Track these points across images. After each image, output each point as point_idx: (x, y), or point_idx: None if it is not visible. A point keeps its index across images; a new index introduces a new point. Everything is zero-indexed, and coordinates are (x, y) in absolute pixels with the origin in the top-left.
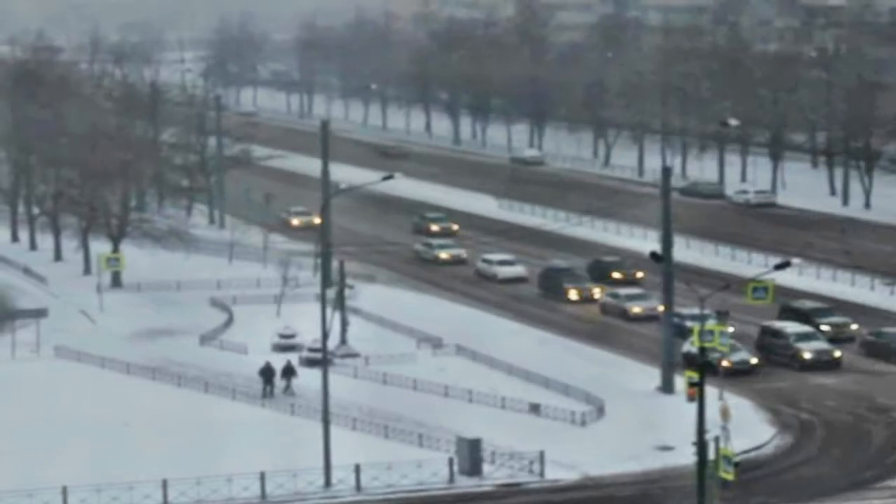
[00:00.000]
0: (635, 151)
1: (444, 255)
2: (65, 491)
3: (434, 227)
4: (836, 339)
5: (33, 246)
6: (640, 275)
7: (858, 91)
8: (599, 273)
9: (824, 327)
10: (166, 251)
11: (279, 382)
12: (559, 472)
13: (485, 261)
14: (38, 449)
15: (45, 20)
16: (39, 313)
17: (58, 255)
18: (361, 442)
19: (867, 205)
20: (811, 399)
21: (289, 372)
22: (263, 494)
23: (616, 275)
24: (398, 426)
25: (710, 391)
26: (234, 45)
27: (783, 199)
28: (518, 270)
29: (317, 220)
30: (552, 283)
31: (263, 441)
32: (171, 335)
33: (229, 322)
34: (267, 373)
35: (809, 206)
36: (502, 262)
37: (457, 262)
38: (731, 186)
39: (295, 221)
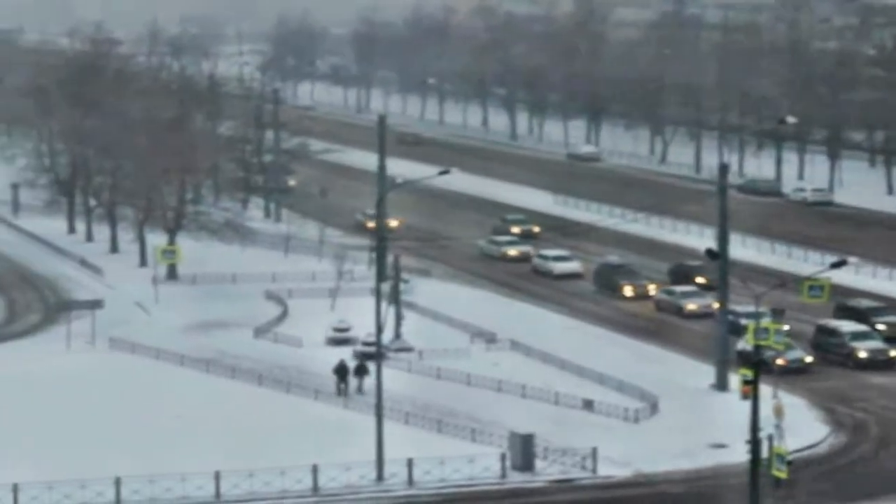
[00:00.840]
0: (692, 148)
1: (512, 252)
2: (118, 482)
3: (515, 230)
4: (892, 338)
5: (90, 237)
6: None
7: None
8: (682, 276)
9: (880, 326)
10: (222, 244)
11: (352, 381)
12: (612, 469)
13: (540, 256)
14: (91, 440)
15: (104, 12)
16: (95, 305)
17: (114, 247)
18: (414, 436)
19: None
20: (866, 398)
21: (361, 370)
22: (316, 487)
23: (699, 279)
24: (451, 421)
25: (765, 389)
26: (292, 38)
27: (840, 197)
28: (574, 266)
29: (394, 223)
30: (607, 279)
31: (316, 434)
32: (225, 328)
33: (284, 315)
34: (341, 371)
35: (866, 204)
36: (558, 258)
37: (524, 259)
38: (789, 184)
39: (371, 224)
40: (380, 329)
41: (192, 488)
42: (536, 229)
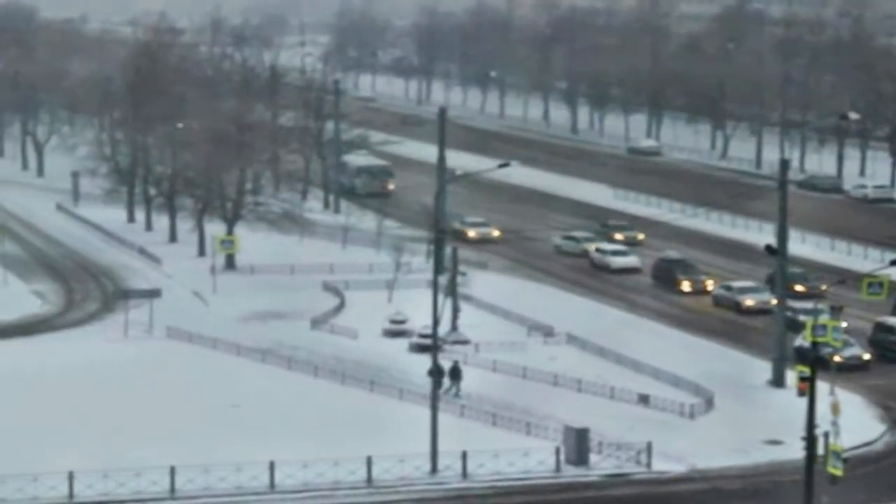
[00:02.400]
0: (753, 144)
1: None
2: (172, 471)
3: (618, 236)
4: None
5: (149, 227)
6: (824, 287)
7: None
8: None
9: None
10: (280, 234)
11: (446, 383)
12: (666, 464)
13: (598, 250)
14: (146, 428)
15: (167, 2)
16: (153, 294)
17: (173, 237)
18: (469, 429)
19: None
20: None
21: (455, 373)
22: (369, 479)
23: (798, 287)
24: (506, 414)
25: (822, 386)
26: (354, 29)
27: None
28: (632, 261)
29: (495, 233)
30: (665, 274)
31: (371, 425)
32: (282, 318)
33: (341, 306)
34: (436, 373)
35: None
36: (616, 252)
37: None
38: (850, 181)
39: (472, 233)
40: (436, 321)
41: (246, 478)
42: (641, 236)
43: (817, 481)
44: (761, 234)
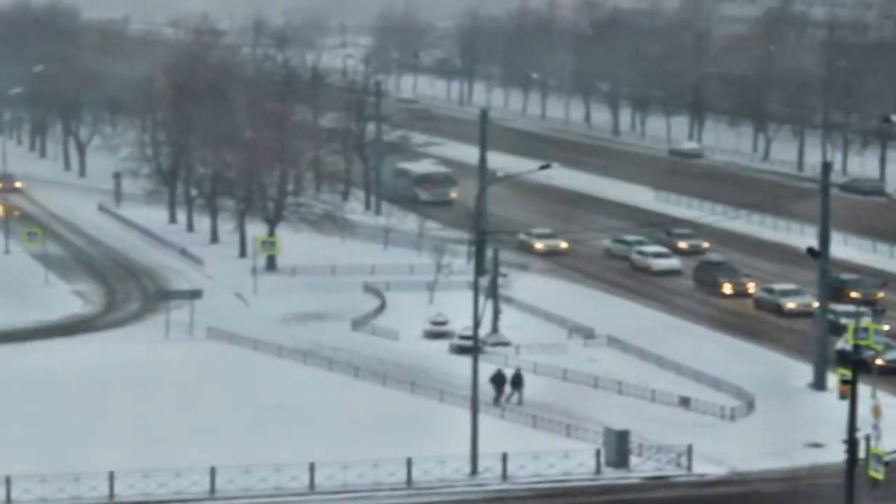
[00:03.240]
0: (795, 146)
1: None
2: (213, 471)
3: (682, 244)
4: None
5: (190, 228)
6: (880, 295)
7: None
8: (835, 291)
9: None
10: (322, 236)
11: (507, 391)
12: (707, 467)
13: (640, 252)
14: (187, 429)
15: (209, 3)
16: (194, 294)
17: (214, 238)
18: (509, 431)
19: None
20: None
21: (517, 381)
22: (409, 480)
23: (854, 293)
24: (546, 416)
25: (863, 389)
26: (396, 31)
27: None
28: (673, 263)
29: (563, 245)
30: (707, 276)
31: (411, 427)
32: (323, 319)
33: (382, 308)
34: (498, 380)
35: None
36: (657, 255)
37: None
38: (892, 183)
39: (539, 245)
40: (477, 323)
41: (286, 479)
42: (706, 244)
43: (858, 485)
44: (803, 237)
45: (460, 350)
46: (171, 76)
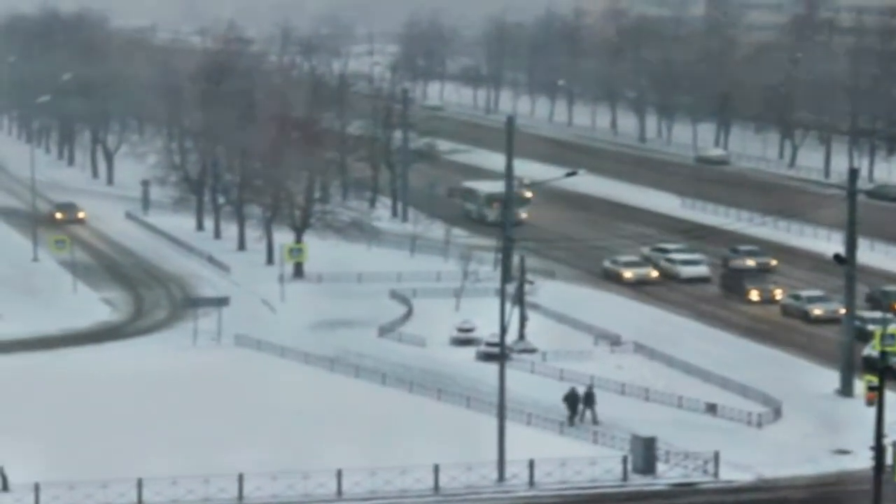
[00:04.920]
0: (822, 153)
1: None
2: (241, 478)
3: (750, 262)
4: None
5: (218, 235)
6: None
7: None
8: (881, 302)
9: None
10: (348, 243)
11: (580, 409)
12: (734, 474)
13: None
14: (215, 436)
15: (236, 11)
16: (221, 302)
17: (241, 245)
18: (536, 437)
19: None
20: None
21: (589, 399)
22: (437, 487)
23: None
24: (574, 422)
25: (890, 395)
26: (423, 39)
27: None
28: (701, 270)
29: (654, 273)
30: (734, 283)
31: (438, 433)
32: (350, 326)
33: (408, 315)
34: (572, 399)
35: None
36: (686, 262)
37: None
38: None
39: (628, 274)
40: (504, 330)
41: (313, 485)
42: (773, 262)
43: (885, 491)
44: (830, 243)
45: (487, 357)
46: (199, 84)
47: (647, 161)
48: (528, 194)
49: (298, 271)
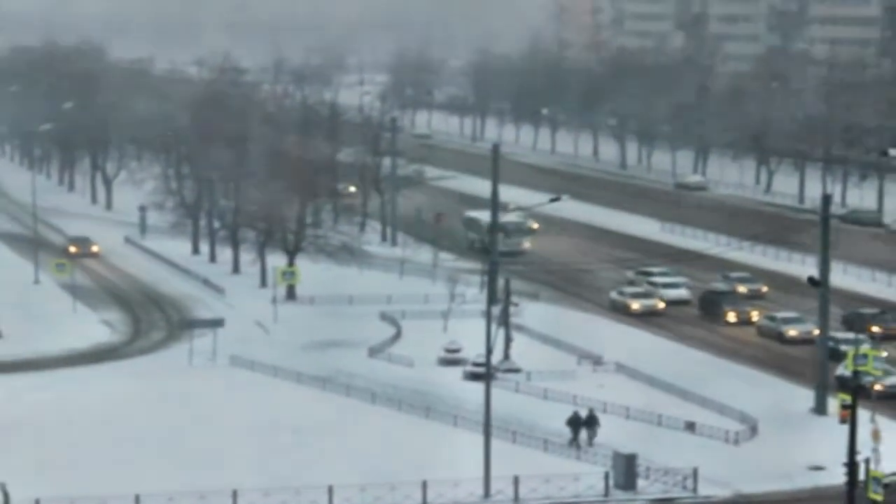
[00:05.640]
0: (796, 179)
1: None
2: (234, 494)
3: (741, 288)
4: None
5: (213, 259)
6: None
7: None
8: (857, 325)
9: None
10: (340, 266)
11: (582, 432)
12: (712, 489)
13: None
14: (210, 453)
15: (231, 43)
16: (216, 323)
17: (236, 268)
18: (521, 454)
19: None
20: None
21: (592, 422)
22: (424, 502)
23: (875, 328)
24: (557, 440)
25: (863, 414)
26: (411, 69)
27: None
28: (682, 293)
29: (661, 305)
30: (712, 305)
31: (426, 451)
32: (341, 347)
33: (397, 336)
34: (575, 423)
35: None
36: (667, 285)
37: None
38: (890, 215)
39: (635, 305)
40: (489, 350)
41: (305, 501)
42: (765, 289)
43: None
44: (804, 267)
45: (473, 377)
46: (195, 113)
47: (628, 187)
48: (535, 225)
49: (291, 294)
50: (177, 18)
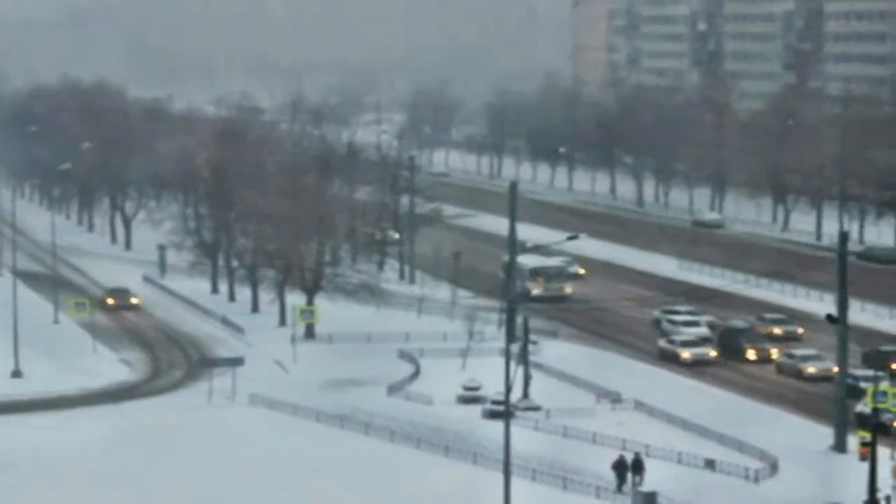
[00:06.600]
0: (813, 217)
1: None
2: None
3: (776, 331)
4: None
5: (232, 298)
6: None
7: None
8: (876, 362)
9: None
10: (358, 304)
11: (629, 477)
12: None
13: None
14: (230, 492)
15: (248, 82)
16: (236, 362)
17: (255, 307)
18: (541, 493)
19: None
20: None
21: (638, 466)
22: None
23: (894, 365)
24: (576, 478)
25: (883, 451)
26: (428, 108)
27: None
28: (702, 331)
29: (712, 353)
30: (731, 342)
31: (446, 489)
32: (359, 385)
33: (416, 374)
34: (620, 467)
35: None
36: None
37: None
38: None
39: (685, 354)
40: (508, 388)
41: None
42: (801, 331)
43: None
44: (822, 304)
45: (492, 415)
46: (213, 152)
47: (646, 225)
48: (581, 270)
49: (310, 332)
50: (195, 59)
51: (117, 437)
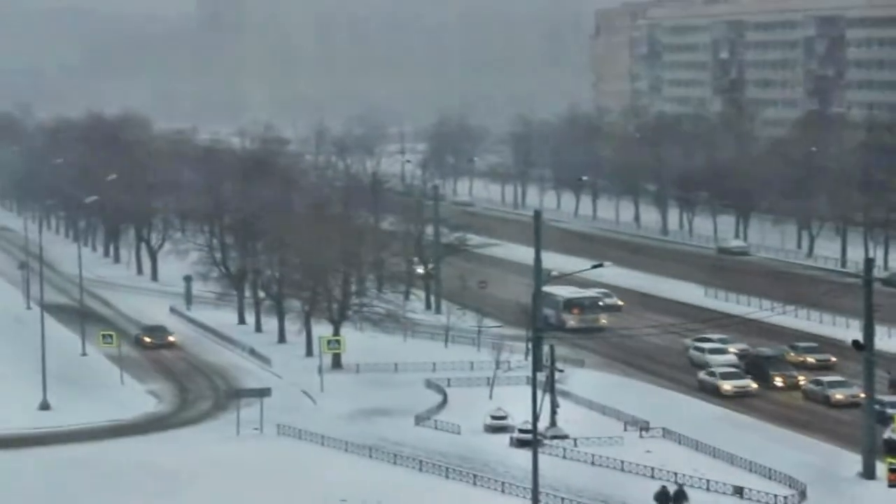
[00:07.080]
0: (838, 243)
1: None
2: None
3: (810, 359)
4: None
5: (258, 328)
6: None
7: None
8: None
9: None
10: (385, 334)
11: None
12: None
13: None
14: None
15: (273, 113)
16: (263, 393)
17: (282, 338)
18: None
19: None
20: None
21: (680, 496)
22: None
23: None
24: None
25: None
26: (452, 137)
27: None
28: (730, 359)
29: (753, 385)
30: (758, 369)
31: None
32: (387, 415)
33: (443, 403)
34: (662, 497)
35: None
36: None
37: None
38: None
39: (727, 387)
40: (536, 417)
41: None
42: (833, 359)
43: None
44: (848, 330)
45: (520, 443)
46: (238, 183)
47: (670, 252)
48: (619, 302)
49: (337, 362)
50: (219, 91)
51: (145, 468)
